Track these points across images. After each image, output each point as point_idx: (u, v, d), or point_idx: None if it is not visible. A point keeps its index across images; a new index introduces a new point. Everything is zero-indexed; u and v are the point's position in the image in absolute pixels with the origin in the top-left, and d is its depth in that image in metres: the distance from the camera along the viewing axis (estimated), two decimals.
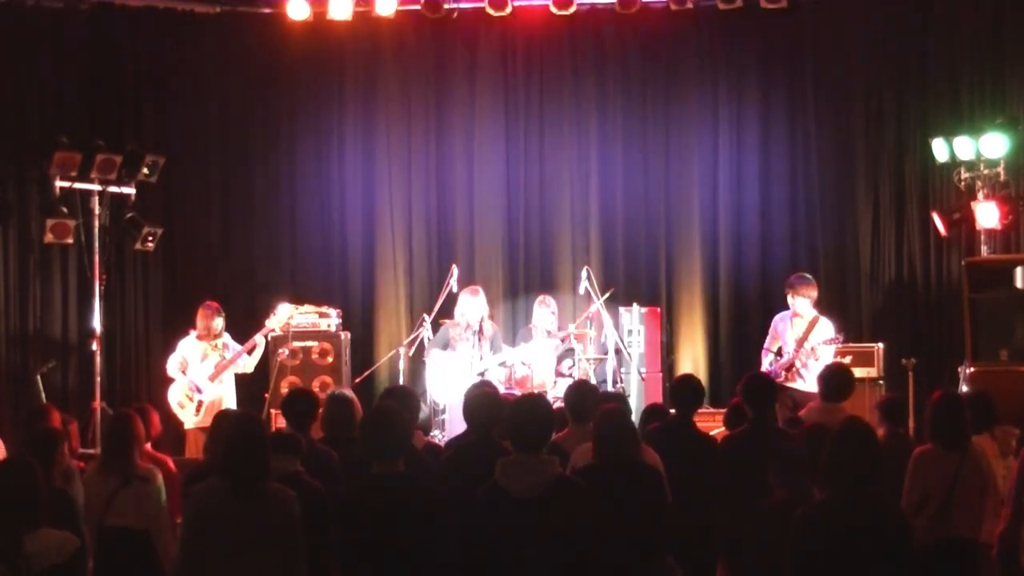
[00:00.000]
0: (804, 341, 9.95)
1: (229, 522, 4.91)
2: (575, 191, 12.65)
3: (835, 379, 7.55)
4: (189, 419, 10.38)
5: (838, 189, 12.42)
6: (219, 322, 10.56)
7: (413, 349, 10.79)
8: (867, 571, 4.56)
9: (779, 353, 10.17)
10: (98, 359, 10.90)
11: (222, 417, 6.60)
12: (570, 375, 10.71)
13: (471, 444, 5.90)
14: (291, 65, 12.55)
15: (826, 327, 10.08)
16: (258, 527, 4.92)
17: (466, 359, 10.50)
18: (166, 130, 12.35)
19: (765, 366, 10.06)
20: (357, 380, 10.98)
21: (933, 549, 6.05)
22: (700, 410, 10.90)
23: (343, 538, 5.01)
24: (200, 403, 10.31)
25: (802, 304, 10.10)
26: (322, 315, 11.50)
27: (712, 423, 9.94)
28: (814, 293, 10.17)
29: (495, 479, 4.94)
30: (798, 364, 9.90)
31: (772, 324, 10.38)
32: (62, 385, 11.64)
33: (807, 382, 9.65)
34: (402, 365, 10.71)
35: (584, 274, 11.05)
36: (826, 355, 9.90)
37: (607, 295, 11.05)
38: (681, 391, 7.21)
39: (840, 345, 10.16)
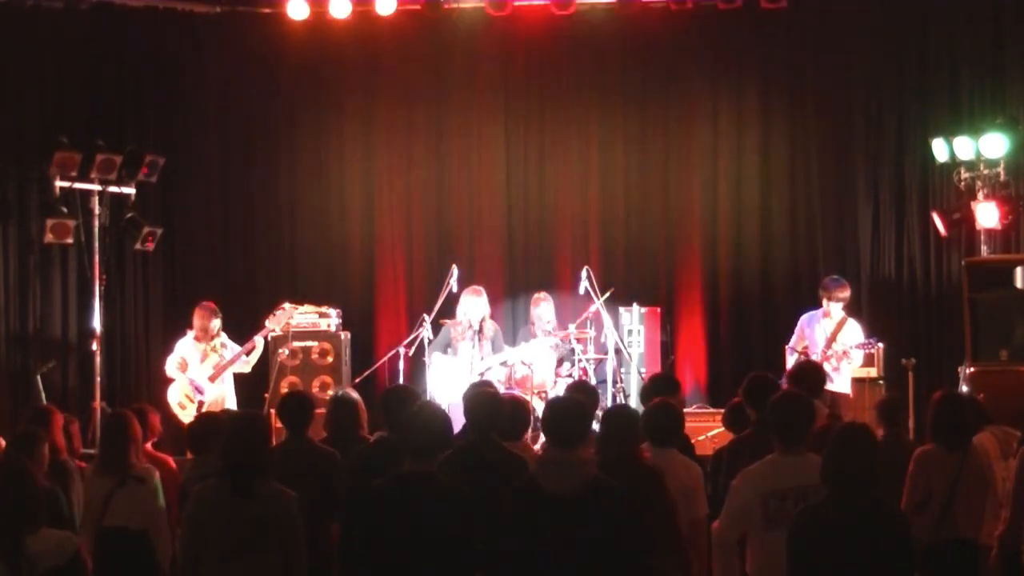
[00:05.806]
0: (832, 341, 10.01)
1: (228, 521, 4.91)
2: (575, 191, 12.65)
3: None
4: (190, 420, 10.35)
5: (838, 189, 12.42)
6: (216, 323, 10.51)
7: (413, 349, 10.78)
8: (867, 572, 4.55)
9: (804, 352, 10.18)
10: (98, 359, 10.91)
11: (225, 416, 6.61)
12: (569, 376, 10.71)
13: (470, 443, 5.88)
14: (291, 65, 12.55)
15: (854, 328, 10.20)
16: (257, 526, 4.92)
17: (467, 359, 10.49)
18: (166, 130, 12.35)
19: (790, 364, 10.06)
20: (357, 380, 10.97)
21: (934, 550, 6.05)
22: (698, 410, 11.10)
23: (357, 534, 4.93)
24: (201, 403, 10.29)
25: (836, 307, 10.23)
26: (322, 315, 11.50)
27: (712, 423, 9.96)
28: (848, 294, 10.35)
29: (532, 476, 4.86)
30: (828, 367, 9.91)
31: (799, 323, 10.45)
32: (62, 385, 11.63)
33: (836, 383, 9.72)
34: (402, 365, 10.71)
35: (584, 274, 11.05)
36: (858, 358, 10.04)
37: (607, 295, 11.05)
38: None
39: (872, 350, 10.22)
